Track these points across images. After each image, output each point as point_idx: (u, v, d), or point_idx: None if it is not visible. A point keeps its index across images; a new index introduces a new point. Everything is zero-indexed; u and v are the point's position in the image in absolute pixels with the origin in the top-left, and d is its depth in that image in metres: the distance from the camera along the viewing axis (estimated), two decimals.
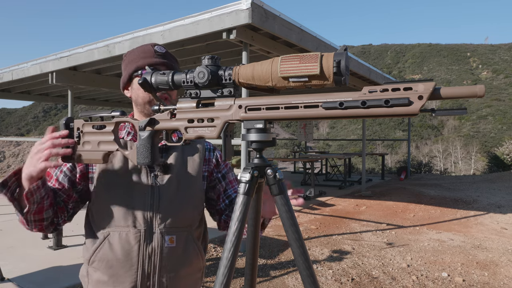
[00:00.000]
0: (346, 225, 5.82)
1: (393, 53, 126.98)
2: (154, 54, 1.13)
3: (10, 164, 14.73)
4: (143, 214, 1.09)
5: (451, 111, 0.61)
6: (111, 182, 1.10)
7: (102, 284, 1.09)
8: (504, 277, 3.77)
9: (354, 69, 6.57)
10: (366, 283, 3.62)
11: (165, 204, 1.11)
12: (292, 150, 23.02)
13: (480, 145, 46.00)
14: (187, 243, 1.14)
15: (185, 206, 1.14)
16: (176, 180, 1.14)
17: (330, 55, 0.67)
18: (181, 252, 1.12)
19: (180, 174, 1.15)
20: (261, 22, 3.97)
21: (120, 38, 5.18)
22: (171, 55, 1.19)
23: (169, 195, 1.12)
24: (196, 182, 1.17)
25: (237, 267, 3.77)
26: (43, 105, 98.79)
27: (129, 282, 1.07)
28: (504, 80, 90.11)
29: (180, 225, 1.13)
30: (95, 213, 1.12)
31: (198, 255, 1.17)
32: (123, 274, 1.07)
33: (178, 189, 1.14)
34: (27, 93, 9.90)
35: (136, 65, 1.12)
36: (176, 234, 1.11)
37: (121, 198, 1.09)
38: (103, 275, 1.08)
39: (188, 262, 1.14)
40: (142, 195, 1.10)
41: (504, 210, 6.83)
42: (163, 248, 1.09)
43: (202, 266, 1.21)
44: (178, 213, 1.12)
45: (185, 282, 1.15)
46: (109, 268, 1.08)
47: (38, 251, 4.35)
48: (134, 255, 1.07)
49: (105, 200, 1.10)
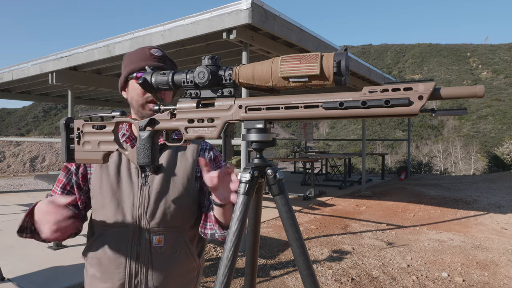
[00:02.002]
0: (346, 225, 5.82)
1: (393, 53, 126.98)
2: (149, 57, 1.14)
3: (10, 164, 14.73)
4: (131, 214, 1.11)
5: (451, 111, 0.61)
6: (104, 182, 1.13)
7: (95, 279, 1.15)
8: (504, 277, 3.77)
9: (354, 69, 6.57)
10: (366, 283, 3.62)
11: (154, 204, 1.12)
12: (292, 150, 23.01)
13: (480, 145, 46.00)
14: (176, 244, 1.14)
15: (175, 207, 1.14)
16: (166, 181, 1.15)
17: (330, 55, 0.67)
18: (169, 252, 1.13)
19: (171, 174, 1.16)
20: (261, 22, 3.97)
21: (120, 38, 5.18)
22: (168, 58, 1.19)
23: (158, 196, 1.13)
24: (188, 182, 1.17)
25: (237, 267, 3.77)
26: (43, 105, 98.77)
27: (118, 279, 1.11)
28: (504, 80, 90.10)
29: (169, 225, 1.13)
30: (92, 212, 1.17)
31: (189, 256, 1.17)
32: (113, 271, 1.12)
33: (168, 190, 1.14)
34: (27, 93, 9.91)
35: (131, 68, 1.14)
36: (164, 234, 1.13)
37: (112, 198, 1.12)
38: (96, 271, 1.14)
39: (178, 262, 1.14)
40: (131, 195, 1.12)
41: (504, 210, 6.83)
42: (150, 248, 1.11)
43: (195, 267, 1.21)
44: (166, 213, 1.13)
45: (174, 281, 1.15)
46: (100, 264, 1.13)
47: (38, 251, 4.35)
48: (122, 254, 1.11)
49: (98, 200, 1.14)
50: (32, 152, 15.47)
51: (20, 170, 14.73)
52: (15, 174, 14.39)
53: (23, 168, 14.86)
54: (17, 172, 14.58)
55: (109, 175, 1.14)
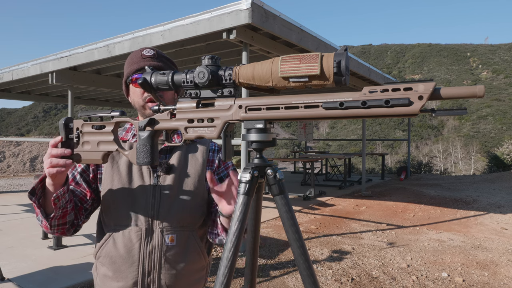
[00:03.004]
0: (346, 225, 5.82)
1: (393, 53, 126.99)
2: (141, 58, 1.16)
3: (10, 164, 14.73)
4: (144, 214, 1.12)
5: (451, 111, 0.61)
6: (115, 182, 1.14)
7: (107, 278, 1.14)
8: (504, 277, 3.77)
9: (354, 69, 6.57)
10: (366, 283, 3.61)
11: (166, 204, 1.13)
12: (292, 150, 23.03)
13: (480, 145, 46.01)
14: (188, 242, 1.16)
15: (186, 206, 1.15)
16: (178, 181, 1.16)
17: (330, 55, 0.67)
18: (181, 251, 1.14)
19: (182, 174, 1.17)
20: (261, 22, 3.97)
21: (120, 38, 5.18)
22: (164, 56, 1.20)
23: (170, 195, 1.14)
24: (198, 182, 1.19)
25: (237, 267, 3.76)
26: (43, 105, 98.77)
27: (131, 278, 1.11)
28: (504, 80, 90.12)
29: (181, 224, 1.15)
30: (103, 211, 1.17)
31: (200, 254, 1.19)
32: (125, 270, 1.12)
33: (180, 189, 1.16)
34: (27, 93, 9.91)
35: (127, 72, 1.18)
36: (176, 233, 1.14)
37: (124, 198, 1.13)
38: (108, 270, 1.14)
39: (189, 260, 1.16)
40: (144, 195, 1.13)
41: (504, 210, 6.83)
42: (163, 246, 1.12)
43: (205, 265, 1.23)
44: (178, 212, 1.14)
45: (185, 280, 1.16)
46: (113, 263, 1.13)
47: (38, 251, 4.35)
48: (135, 253, 1.11)
49: (110, 200, 1.14)
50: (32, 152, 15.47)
51: (20, 170, 14.73)
52: (15, 174, 14.39)
53: (23, 168, 14.86)
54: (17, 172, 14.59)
55: (120, 175, 1.15)
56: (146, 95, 1.14)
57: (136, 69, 1.14)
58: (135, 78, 1.13)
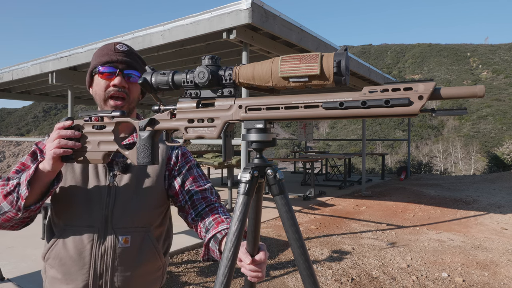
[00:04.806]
0: (346, 225, 5.82)
1: (393, 53, 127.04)
2: (113, 51, 1.13)
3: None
4: (97, 214, 1.08)
5: (451, 111, 0.61)
6: (68, 181, 1.11)
7: (56, 281, 1.09)
8: (504, 277, 3.77)
9: (354, 69, 6.57)
10: (366, 283, 3.61)
11: (121, 204, 1.10)
12: (292, 150, 23.01)
13: (480, 145, 46.03)
14: (143, 243, 1.12)
15: (142, 206, 1.12)
16: (134, 180, 1.13)
17: (330, 55, 0.67)
18: (135, 252, 1.11)
19: (140, 174, 1.14)
20: (261, 22, 3.97)
21: (120, 38, 5.18)
22: (136, 54, 1.19)
23: (126, 195, 1.11)
24: (157, 181, 1.16)
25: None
26: (43, 105, 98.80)
27: (81, 280, 1.07)
28: (504, 80, 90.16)
29: (136, 225, 1.11)
30: (53, 211, 1.13)
31: (156, 255, 1.15)
32: (75, 272, 1.07)
33: (136, 189, 1.13)
34: (27, 93, 9.91)
35: (95, 63, 1.14)
36: (131, 234, 1.10)
37: (77, 197, 1.09)
38: (57, 273, 1.09)
39: (144, 262, 1.12)
40: (98, 195, 1.10)
41: (504, 210, 6.83)
42: (116, 248, 1.08)
43: (161, 265, 1.19)
44: (134, 213, 1.11)
45: (140, 281, 1.13)
46: (62, 265, 1.08)
47: (38, 251, 4.35)
48: (86, 254, 1.07)
49: (61, 198, 1.10)
50: None
51: None
52: None
53: None
54: None
55: (74, 172, 1.11)
56: (110, 89, 1.11)
57: (105, 61, 1.11)
58: (102, 70, 1.11)
